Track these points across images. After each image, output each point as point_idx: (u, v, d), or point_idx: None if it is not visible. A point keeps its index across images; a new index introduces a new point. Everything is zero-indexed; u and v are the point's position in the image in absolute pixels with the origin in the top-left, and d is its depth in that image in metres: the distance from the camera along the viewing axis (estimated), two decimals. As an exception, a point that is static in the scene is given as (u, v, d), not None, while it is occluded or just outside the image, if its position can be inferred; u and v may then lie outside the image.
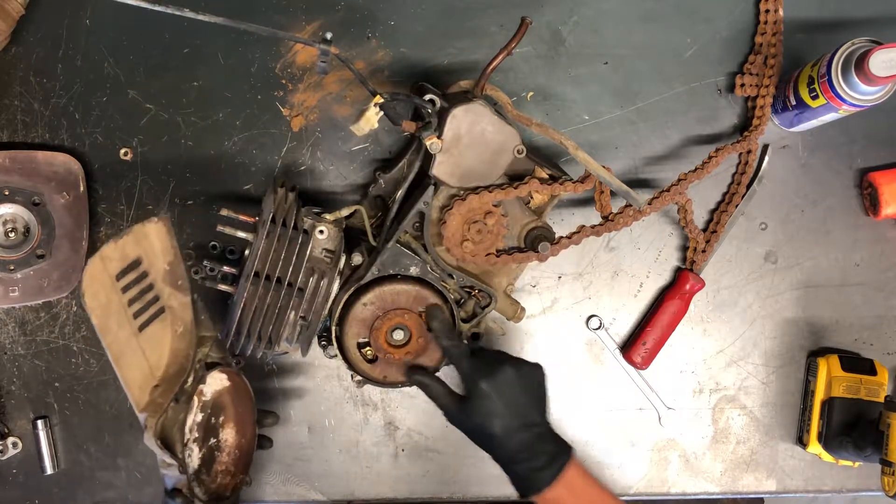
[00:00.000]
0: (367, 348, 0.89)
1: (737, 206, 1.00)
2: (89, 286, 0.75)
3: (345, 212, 0.89)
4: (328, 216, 0.88)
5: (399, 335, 0.88)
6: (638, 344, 0.99)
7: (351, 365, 0.89)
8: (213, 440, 0.82)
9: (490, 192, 0.84)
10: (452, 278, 0.88)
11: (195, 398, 0.80)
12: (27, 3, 0.94)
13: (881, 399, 0.96)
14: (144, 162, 0.99)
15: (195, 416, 0.80)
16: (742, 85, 0.98)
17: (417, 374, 0.87)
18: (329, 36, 0.72)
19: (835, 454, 0.98)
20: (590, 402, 1.02)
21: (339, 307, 0.87)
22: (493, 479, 1.02)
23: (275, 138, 0.99)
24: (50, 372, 0.99)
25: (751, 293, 1.02)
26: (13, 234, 0.95)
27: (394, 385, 0.90)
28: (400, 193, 0.89)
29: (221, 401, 0.83)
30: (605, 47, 1.00)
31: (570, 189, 0.85)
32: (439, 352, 0.89)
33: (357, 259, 0.89)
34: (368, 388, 1.01)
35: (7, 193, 0.93)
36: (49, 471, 0.99)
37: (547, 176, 0.88)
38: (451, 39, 0.99)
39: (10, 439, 0.98)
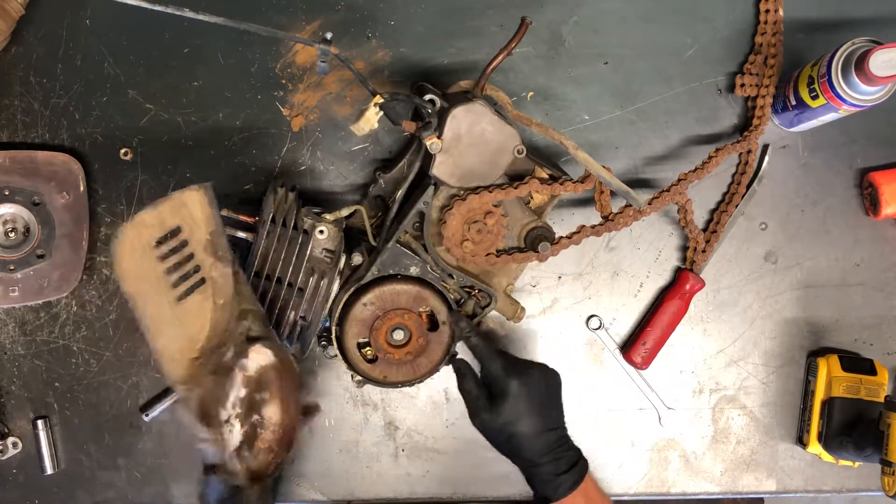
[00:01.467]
0: (367, 348, 0.89)
1: (737, 206, 1.00)
2: (122, 253, 0.72)
3: (345, 212, 0.89)
4: (328, 216, 0.88)
5: (399, 335, 0.88)
6: (638, 344, 0.99)
7: (351, 365, 0.89)
8: (255, 417, 0.79)
9: (490, 192, 0.84)
10: (452, 278, 0.88)
11: (238, 373, 0.77)
12: (27, 3, 0.94)
13: (881, 399, 0.96)
14: (144, 162, 0.99)
15: (238, 392, 0.78)
16: (742, 85, 0.98)
17: (459, 363, 0.87)
18: (329, 36, 0.72)
19: (835, 454, 0.98)
20: (590, 402, 1.02)
21: (339, 307, 0.87)
22: (494, 479, 1.02)
23: (275, 138, 0.99)
24: (50, 372, 0.99)
25: (751, 293, 1.02)
26: (13, 234, 0.95)
27: (394, 385, 0.90)
28: (400, 193, 0.89)
29: (266, 377, 0.79)
30: (605, 47, 1.00)
31: (570, 189, 0.85)
32: (439, 353, 0.89)
33: (357, 259, 0.89)
34: (368, 388, 1.01)
35: (7, 193, 0.93)
36: (49, 471, 0.99)
37: (547, 176, 0.88)
38: (451, 39, 0.99)
39: (10, 439, 0.98)
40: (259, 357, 0.79)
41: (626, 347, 1.01)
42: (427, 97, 0.82)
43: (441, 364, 0.90)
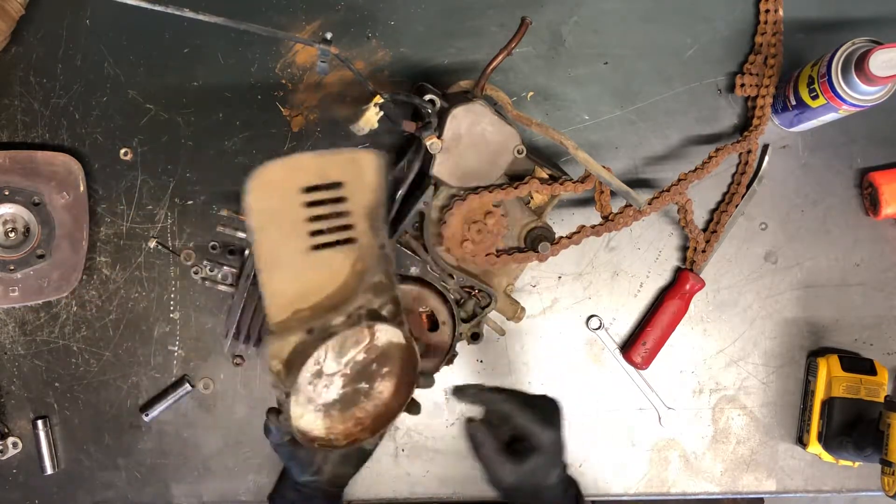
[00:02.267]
0: None
1: (737, 206, 1.00)
2: (259, 187, 0.70)
3: None
4: None
5: None
6: (638, 344, 0.99)
7: None
8: (364, 385, 0.78)
9: (490, 192, 0.84)
10: (452, 278, 0.88)
11: (366, 336, 0.76)
12: (27, 3, 0.94)
13: (881, 399, 0.96)
14: (144, 162, 0.99)
15: (356, 354, 0.76)
16: (742, 85, 0.98)
17: (474, 428, 0.78)
18: (329, 36, 0.72)
19: (835, 454, 0.98)
20: (590, 402, 1.02)
21: None
22: (493, 479, 1.02)
23: (275, 138, 0.99)
24: (50, 372, 0.99)
25: (751, 293, 1.02)
26: (13, 234, 0.95)
27: None
28: (400, 193, 0.89)
29: (391, 353, 0.78)
30: (605, 47, 1.00)
31: (570, 189, 0.85)
32: (440, 353, 0.89)
33: None
34: (368, 388, 1.01)
35: (7, 193, 0.93)
36: (49, 471, 0.99)
37: (547, 176, 0.88)
38: (451, 39, 0.99)
39: (10, 439, 0.98)
40: (391, 334, 0.77)
41: (626, 347, 1.01)
42: (427, 97, 0.82)
43: (442, 364, 0.90)
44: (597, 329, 1.02)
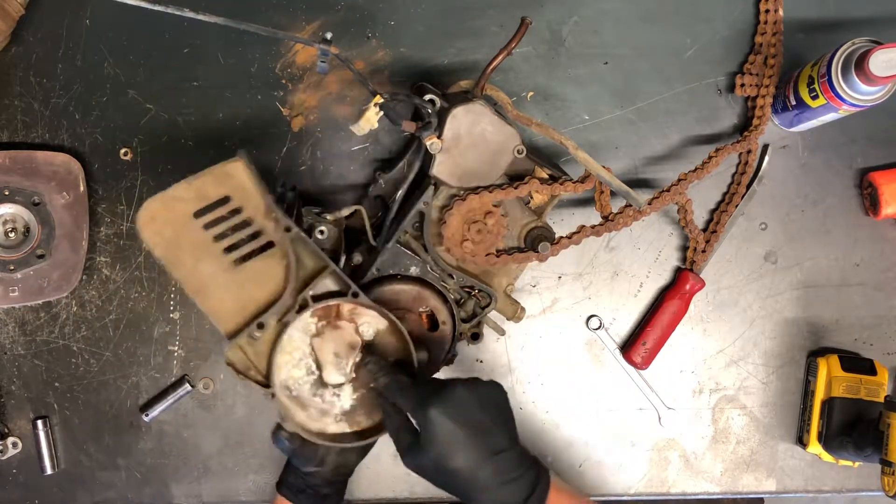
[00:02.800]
0: None
1: (737, 206, 1.00)
2: (147, 226, 0.73)
3: (345, 212, 0.89)
4: (328, 216, 0.88)
5: None
6: (638, 344, 0.99)
7: None
8: (377, 383, 0.79)
9: (490, 192, 0.84)
10: (452, 278, 0.88)
11: (356, 338, 0.79)
12: (27, 3, 0.94)
13: (881, 399, 0.96)
14: (144, 162, 0.99)
15: (353, 358, 0.79)
16: (742, 85, 0.98)
17: (383, 400, 0.77)
18: (329, 36, 0.72)
19: (835, 454, 0.98)
20: (590, 402, 1.02)
21: None
22: (493, 479, 1.02)
23: (275, 138, 0.99)
24: (50, 372, 0.99)
25: (751, 293, 1.02)
26: (13, 234, 0.95)
27: None
28: (400, 193, 0.89)
29: (385, 341, 0.80)
30: (605, 47, 1.00)
31: (570, 189, 0.85)
32: (440, 353, 0.89)
33: (357, 259, 0.88)
34: (368, 388, 1.01)
35: (7, 193, 0.93)
36: (49, 471, 0.99)
37: (547, 176, 0.88)
38: (451, 39, 0.99)
39: (10, 439, 0.98)
40: (373, 320, 0.80)
41: (626, 347, 1.01)
42: (427, 97, 0.82)
43: (441, 364, 0.90)
44: (597, 329, 1.02)
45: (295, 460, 0.82)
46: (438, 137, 0.81)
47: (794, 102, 0.94)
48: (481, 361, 1.01)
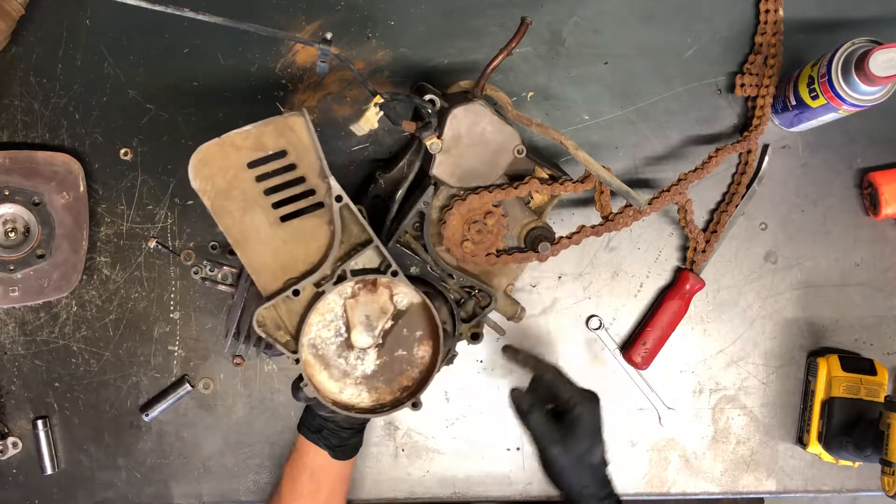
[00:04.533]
0: None
1: (737, 206, 1.00)
2: (200, 169, 0.72)
3: None
4: None
5: None
6: (638, 344, 0.99)
7: None
8: (403, 352, 0.80)
9: (490, 192, 0.84)
10: (453, 278, 0.88)
11: (390, 304, 0.79)
12: (27, 3, 0.94)
13: (881, 399, 0.96)
14: (144, 162, 0.99)
15: (384, 323, 0.79)
16: (742, 85, 0.98)
17: (519, 396, 0.86)
18: (329, 36, 0.72)
19: (835, 454, 0.98)
20: (590, 402, 1.02)
21: None
22: (494, 479, 1.02)
23: (275, 138, 0.99)
24: (50, 372, 0.99)
25: (751, 293, 1.02)
26: (13, 234, 0.95)
27: None
28: (400, 193, 0.89)
29: (416, 315, 0.80)
30: (605, 47, 1.00)
31: (570, 189, 0.85)
32: (440, 353, 0.89)
33: None
34: (368, 388, 1.01)
35: (7, 193, 0.93)
36: (49, 471, 0.99)
37: (547, 176, 0.88)
38: (451, 39, 0.99)
39: (10, 439, 0.98)
40: (409, 294, 0.80)
41: (626, 347, 1.01)
42: (427, 97, 0.82)
43: (441, 364, 0.90)
44: (597, 329, 1.02)
45: (313, 406, 0.85)
46: (438, 137, 0.81)
47: (794, 102, 0.94)
48: (481, 361, 1.01)
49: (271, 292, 0.77)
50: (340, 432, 0.87)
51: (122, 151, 0.98)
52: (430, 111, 0.81)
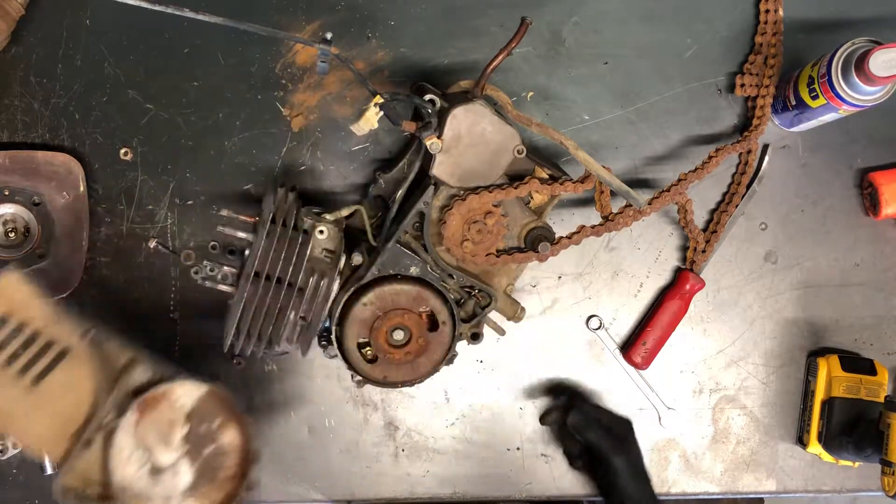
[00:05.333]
0: (368, 348, 0.89)
1: (737, 206, 1.00)
2: None
3: (345, 212, 0.89)
4: (328, 216, 0.88)
5: (399, 335, 0.88)
6: (638, 344, 0.99)
7: (351, 365, 0.89)
8: (209, 448, 0.76)
9: (490, 192, 0.84)
10: (452, 278, 0.88)
11: (175, 411, 0.74)
12: (27, 3, 0.94)
13: (881, 399, 0.96)
14: (144, 162, 0.99)
15: (180, 432, 0.74)
16: (742, 85, 0.98)
17: (574, 419, 0.91)
18: (329, 36, 0.72)
19: (835, 454, 0.98)
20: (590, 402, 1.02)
21: (340, 307, 0.87)
22: (494, 479, 1.02)
23: (275, 138, 0.99)
24: (50, 372, 0.99)
25: (751, 293, 1.02)
26: (13, 234, 0.95)
27: (394, 385, 0.90)
28: (400, 193, 0.89)
29: (207, 405, 0.76)
30: (605, 47, 1.00)
31: (571, 189, 0.85)
32: (440, 353, 0.89)
33: (357, 259, 0.89)
34: (368, 388, 1.01)
35: (7, 193, 0.93)
36: (49, 471, 0.98)
37: (547, 176, 0.88)
38: (451, 39, 0.99)
39: (11, 439, 0.98)
40: (188, 391, 0.75)
41: (626, 347, 1.01)
42: (427, 97, 0.82)
43: (441, 364, 0.90)
44: (597, 329, 1.02)
45: None
46: (438, 137, 0.81)
47: (794, 102, 0.94)
48: (481, 361, 1.01)
49: (63, 455, 0.71)
50: None
51: (122, 151, 0.98)
52: (430, 111, 0.81)
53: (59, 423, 0.71)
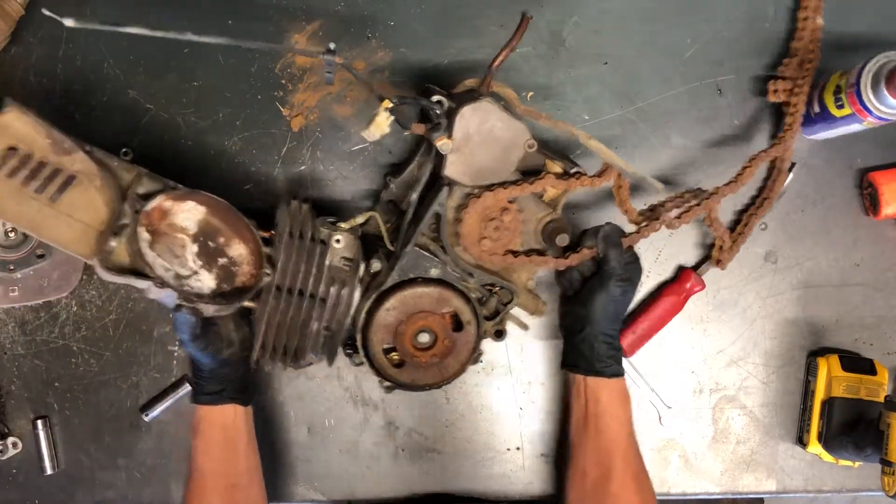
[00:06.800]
0: (394, 353, 0.89)
1: (767, 211, 0.99)
2: None
3: (360, 219, 0.89)
4: (343, 224, 0.88)
5: (424, 338, 0.88)
6: (627, 331, 0.99)
7: (378, 371, 0.89)
8: (222, 260, 0.84)
9: (505, 188, 0.84)
10: (473, 277, 0.88)
11: (181, 235, 0.82)
12: (27, 3, 0.94)
13: (881, 399, 0.96)
14: (144, 162, 0.98)
15: (191, 250, 0.82)
16: (775, 91, 0.96)
17: (612, 230, 0.89)
18: (333, 46, 0.73)
19: (835, 454, 0.98)
20: (590, 402, 1.02)
21: (363, 315, 0.87)
22: (494, 479, 1.02)
23: (275, 138, 0.99)
24: (50, 372, 0.99)
25: (751, 293, 1.02)
26: (13, 234, 0.95)
27: (422, 388, 0.90)
28: (414, 196, 0.88)
29: (210, 225, 0.83)
30: (605, 47, 1.00)
31: (588, 184, 0.85)
32: (466, 353, 0.89)
33: (376, 265, 0.88)
34: (368, 387, 1.01)
35: (7, 193, 0.93)
36: (49, 471, 0.99)
37: (560, 169, 0.87)
38: (451, 39, 0.99)
39: (10, 439, 0.98)
40: (190, 213, 0.82)
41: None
42: (434, 98, 0.82)
43: (468, 363, 0.90)
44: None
45: (209, 355, 0.86)
46: (448, 138, 0.81)
47: (817, 110, 0.94)
48: (481, 361, 1.01)
49: (91, 252, 0.79)
50: (235, 372, 0.88)
51: (122, 151, 0.98)
52: (438, 112, 0.81)
53: (81, 228, 0.79)
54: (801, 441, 1.01)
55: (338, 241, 0.86)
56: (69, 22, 0.67)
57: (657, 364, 1.01)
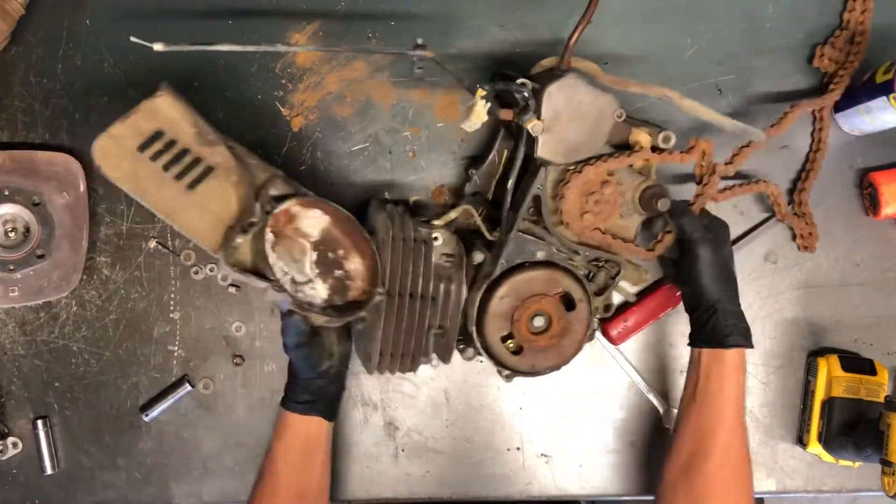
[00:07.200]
0: (509, 341, 0.89)
1: (814, 182, 1.00)
2: (105, 161, 0.76)
3: (453, 214, 0.89)
4: (437, 222, 0.88)
5: (540, 321, 0.88)
6: (619, 319, 0.99)
7: (498, 361, 0.89)
8: (338, 272, 0.84)
9: (605, 161, 0.84)
10: (579, 255, 0.88)
11: (303, 241, 0.83)
12: (27, 3, 0.94)
13: (881, 399, 0.96)
14: (144, 162, 0.98)
15: (310, 257, 0.83)
16: (822, 56, 0.98)
17: (676, 203, 0.88)
18: (421, 41, 0.73)
19: (835, 454, 0.98)
20: (589, 402, 1.02)
21: (475, 307, 0.87)
22: (494, 479, 1.02)
23: (275, 138, 0.99)
24: (50, 372, 0.99)
25: (751, 293, 1.02)
26: (13, 234, 0.95)
27: (544, 372, 0.90)
28: (511, 182, 0.87)
29: (331, 235, 0.84)
30: (605, 47, 1.00)
31: (678, 160, 0.85)
32: (581, 331, 0.89)
33: (478, 257, 0.89)
34: (368, 387, 1.01)
35: (7, 193, 0.93)
36: (49, 471, 0.99)
37: (647, 135, 0.86)
38: (451, 39, 0.99)
39: (10, 439, 0.98)
40: (314, 221, 0.83)
41: (608, 321, 1.01)
42: (519, 81, 0.81)
43: (584, 341, 0.90)
44: (596, 329, 1.02)
45: (308, 364, 0.86)
46: (538, 119, 0.81)
47: (864, 100, 0.94)
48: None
49: (217, 246, 0.80)
50: (330, 386, 0.88)
51: (123, 151, 0.98)
52: (525, 94, 0.81)
53: (212, 220, 0.80)
54: (801, 441, 1.01)
55: (436, 238, 0.87)
56: (159, 46, 0.68)
57: (657, 364, 1.01)
